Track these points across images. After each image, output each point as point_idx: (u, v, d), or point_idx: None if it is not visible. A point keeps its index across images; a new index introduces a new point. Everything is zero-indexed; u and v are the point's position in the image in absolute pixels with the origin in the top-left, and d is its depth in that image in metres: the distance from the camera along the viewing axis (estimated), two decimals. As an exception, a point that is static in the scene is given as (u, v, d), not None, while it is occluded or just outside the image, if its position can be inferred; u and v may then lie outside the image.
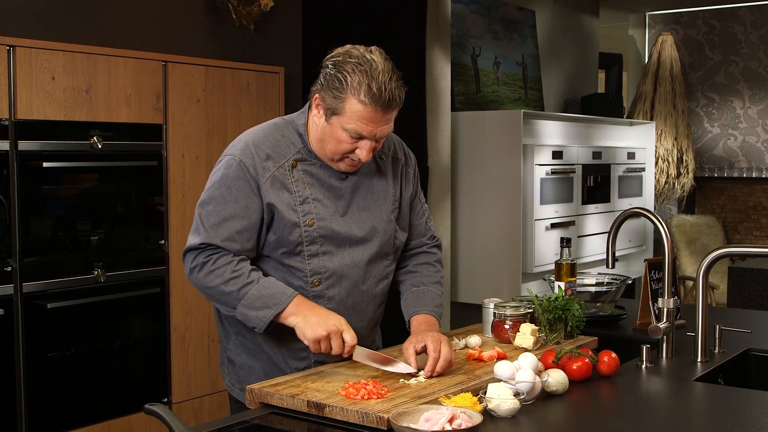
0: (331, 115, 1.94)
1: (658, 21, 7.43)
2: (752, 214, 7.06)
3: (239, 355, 2.12)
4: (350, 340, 1.91)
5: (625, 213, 2.41)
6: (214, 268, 1.96)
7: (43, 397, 3.14)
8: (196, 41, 4.04)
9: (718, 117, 7.17)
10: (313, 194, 2.02)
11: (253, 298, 1.94)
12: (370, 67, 1.90)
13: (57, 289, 3.18)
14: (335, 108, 1.92)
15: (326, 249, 2.02)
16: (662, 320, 2.23)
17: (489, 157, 4.67)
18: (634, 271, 5.94)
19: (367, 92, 1.89)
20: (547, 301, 2.26)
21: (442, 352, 1.92)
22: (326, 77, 1.94)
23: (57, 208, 3.20)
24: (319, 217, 2.00)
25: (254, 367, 2.10)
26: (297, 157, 2.03)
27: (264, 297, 1.94)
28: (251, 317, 1.94)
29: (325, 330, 1.89)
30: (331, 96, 1.92)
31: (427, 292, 2.17)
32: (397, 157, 2.18)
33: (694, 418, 1.83)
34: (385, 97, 1.89)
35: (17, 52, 3.03)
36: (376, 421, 1.65)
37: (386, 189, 2.12)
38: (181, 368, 3.61)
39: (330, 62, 1.95)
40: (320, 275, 2.02)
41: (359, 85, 1.89)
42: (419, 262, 2.24)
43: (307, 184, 2.02)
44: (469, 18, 5.21)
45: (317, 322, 1.91)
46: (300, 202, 2.00)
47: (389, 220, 2.11)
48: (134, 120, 3.40)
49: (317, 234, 2.00)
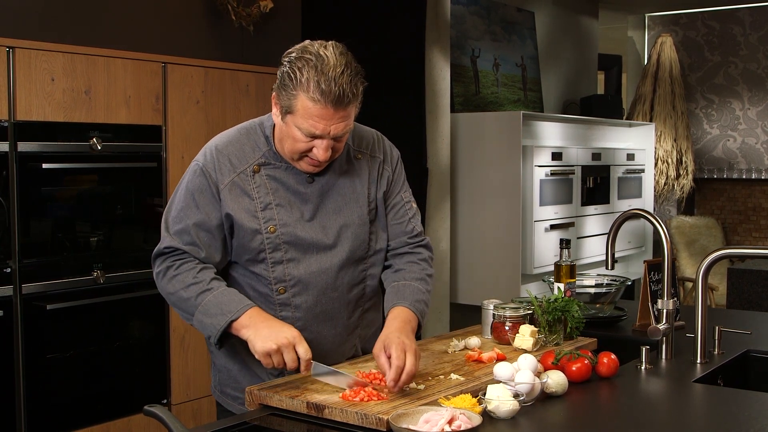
0: (286, 114, 1.88)
1: (658, 22, 7.43)
2: (751, 215, 7.06)
3: (219, 357, 2.09)
4: (303, 354, 1.81)
5: (624, 214, 2.41)
6: (176, 273, 1.93)
7: (43, 399, 3.14)
8: (196, 42, 4.04)
9: (718, 118, 7.18)
10: (276, 200, 1.97)
11: (210, 305, 1.89)
12: (321, 62, 1.81)
13: (56, 290, 3.17)
14: (288, 106, 1.86)
15: (291, 256, 1.97)
16: (661, 321, 2.23)
17: (488, 159, 4.67)
18: (633, 272, 5.94)
19: (316, 88, 1.80)
20: (546, 302, 2.26)
21: (406, 363, 1.79)
22: (281, 75, 1.88)
23: (56, 209, 3.20)
24: (282, 223, 1.95)
25: (231, 369, 2.07)
26: (260, 161, 1.98)
27: (220, 304, 1.88)
28: (206, 324, 1.89)
29: (275, 343, 1.80)
30: (285, 94, 1.86)
31: (407, 286, 2.05)
32: (375, 156, 2.10)
33: (693, 419, 1.83)
34: (335, 93, 1.80)
35: (17, 53, 3.03)
36: (375, 422, 1.65)
37: (359, 191, 2.04)
38: (180, 370, 3.60)
39: (285, 59, 1.88)
40: (285, 283, 1.98)
41: (308, 82, 1.81)
42: (404, 261, 2.13)
43: (270, 190, 1.97)
44: (469, 19, 5.21)
45: (268, 335, 1.82)
46: (261, 208, 1.95)
47: (362, 223, 2.04)
48: (133, 121, 3.40)
49: (280, 240, 1.95)
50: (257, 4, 4.11)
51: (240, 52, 4.22)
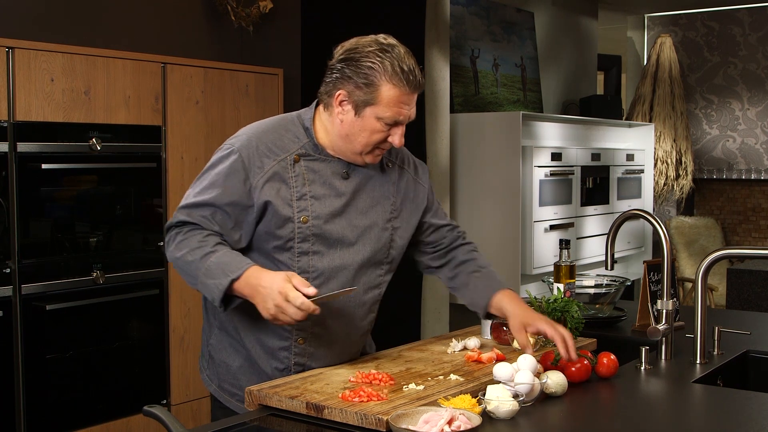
0: (364, 107, 1.91)
1: (657, 23, 7.43)
2: (751, 215, 7.07)
3: (219, 352, 2.10)
4: (295, 299, 1.79)
5: (624, 215, 2.40)
6: (184, 238, 1.93)
7: (42, 399, 3.14)
8: (195, 43, 4.04)
9: (717, 119, 7.18)
10: (311, 191, 1.99)
11: (212, 266, 1.88)
12: (393, 50, 1.90)
13: (56, 290, 3.17)
14: (369, 99, 1.90)
15: (317, 248, 1.99)
16: (661, 322, 2.23)
17: (488, 159, 4.67)
18: (633, 272, 5.94)
19: (401, 74, 1.89)
20: (546, 302, 2.26)
21: (564, 334, 1.99)
22: (351, 70, 1.91)
23: (56, 209, 3.20)
24: (315, 215, 1.97)
25: (231, 365, 2.07)
26: (300, 152, 2.00)
27: (222, 265, 1.87)
28: (209, 286, 1.87)
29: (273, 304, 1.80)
30: (362, 87, 1.90)
31: (493, 273, 2.18)
32: (403, 167, 2.14)
33: (693, 419, 1.83)
34: (416, 78, 1.91)
35: (16, 53, 3.03)
36: (375, 422, 1.65)
37: (386, 196, 2.08)
38: (179, 370, 3.60)
39: (347, 56, 1.92)
40: (308, 274, 1.98)
41: (392, 69, 1.89)
42: (465, 253, 2.23)
43: (307, 181, 1.99)
44: (468, 20, 5.21)
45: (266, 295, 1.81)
46: (297, 197, 1.97)
47: (384, 228, 2.07)
48: (133, 122, 3.40)
49: (310, 232, 1.97)
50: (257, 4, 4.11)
51: (239, 52, 4.22)
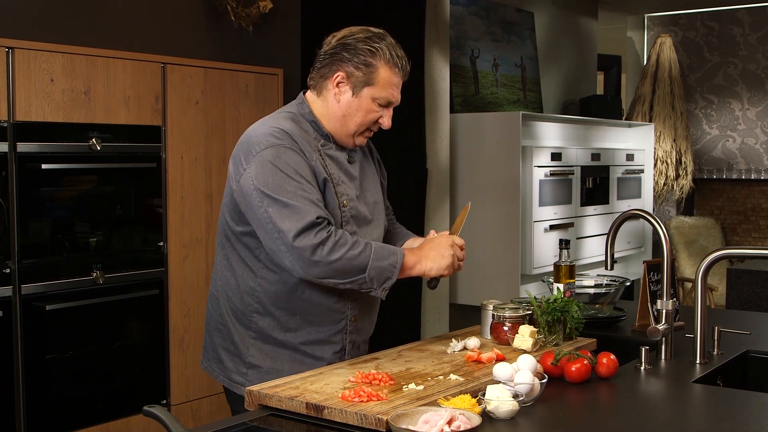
0: (363, 87, 2.03)
1: (657, 23, 7.43)
2: (751, 215, 7.07)
3: (263, 361, 2.11)
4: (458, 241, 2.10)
5: (623, 215, 2.41)
6: (337, 239, 1.95)
7: (42, 399, 3.14)
8: (195, 43, 4.04)
9: (717, 119, 7.18)
10: (340, 176, 2.09)
11: (379, 249, 1.99)
12: (386, 38, 2.06)
13: (56, 290, 3.17)
14: (368, 79, 2.02)
15: (353, 229, 2.09)
16: (661, 322, 2.23)
17: (488, 159, 4.68)
18: (632, 272, 5.94)
19: (396, 58, 2.05)
20: (545, 302, 2.26)
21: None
22: (349, 53, 2.02)
23: (56, 209, 3.20)
24: (349, 198, 2.08)
25: (282, 370, 2.10)
26: (321, 142, 2.09)
27: (385, 248, 2.01)
28: (383, 267, 1.98)
29: (450, 255, 2.06)
30: (361, 68, 2.02)
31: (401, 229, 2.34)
32: (371, 148, 2.29)
33: (693, 419, 1.83)
34: (406, 66, 2.08)
35: (16, 53, 3.03)
36: (374, 422, 1.65)
37: (374, 173, 2.25)
38: (179, 370, 3.60)
39: (342, 42, 2.04)
40: None
41: (389, 53, 2.03)
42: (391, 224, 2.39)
43: (333, 168, 2.08)
44: (468, 20, 5.21)
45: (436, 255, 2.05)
46: (336, 183, 2.06)
47: (383, 202, 2.24)
48: (133, 122, 3.40)
49: (349, 214, 2.08)
50: (256, 4, 4.11)
51: (239, 52, 4.22)
